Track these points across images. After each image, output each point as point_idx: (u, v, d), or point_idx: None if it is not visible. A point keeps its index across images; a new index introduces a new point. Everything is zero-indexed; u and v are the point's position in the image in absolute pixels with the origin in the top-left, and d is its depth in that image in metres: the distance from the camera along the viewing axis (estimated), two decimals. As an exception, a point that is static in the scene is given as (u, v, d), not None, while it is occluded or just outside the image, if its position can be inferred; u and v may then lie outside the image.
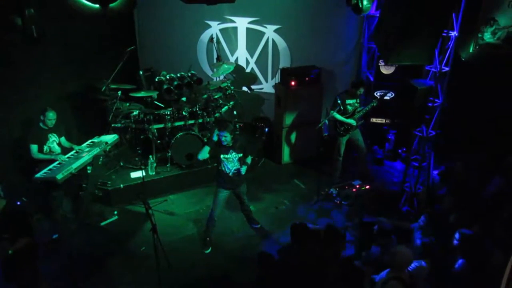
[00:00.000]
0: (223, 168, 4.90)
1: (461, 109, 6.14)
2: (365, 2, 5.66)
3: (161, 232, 4.40)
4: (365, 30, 7.10)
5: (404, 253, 3.49)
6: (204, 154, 4.87)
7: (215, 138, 4.80)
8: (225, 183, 4.98)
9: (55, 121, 5.30)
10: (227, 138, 4.75)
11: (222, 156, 4.83)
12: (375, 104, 6.21)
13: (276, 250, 4.88)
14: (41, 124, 5.29)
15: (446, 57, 5.31)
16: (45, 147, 5.32)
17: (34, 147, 5.17)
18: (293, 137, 7.23)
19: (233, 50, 7.89)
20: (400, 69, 6.85)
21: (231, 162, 4.87)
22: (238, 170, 4.93)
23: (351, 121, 6.19)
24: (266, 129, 7.59)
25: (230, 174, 4.92)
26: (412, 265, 3.72)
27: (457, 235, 3.94)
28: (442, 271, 3.96)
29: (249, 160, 5.02)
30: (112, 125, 6.24)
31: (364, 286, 3.73)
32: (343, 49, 7.38)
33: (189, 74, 6.98)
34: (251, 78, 8.03)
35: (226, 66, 7.09)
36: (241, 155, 4.90)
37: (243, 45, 7.81)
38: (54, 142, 5.41)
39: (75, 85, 6.74)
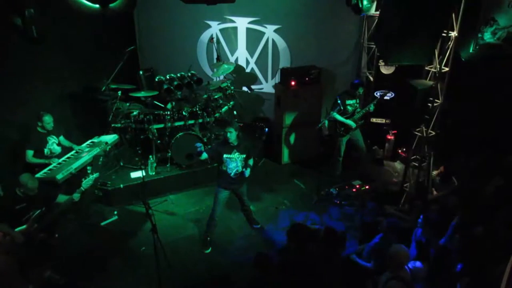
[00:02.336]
0: (225, 168, 4.89)
1: (461, 109, 6.14)
2: (365, 2, 5.65)
3: (161, 232, 4.40)
4: (365, 30, 7.10)
5: (400, 251, 3.52)
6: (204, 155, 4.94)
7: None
8: (226, 183, 4.98)
9: (53, 122, 5.31)
10: (232, 134, 4.74)
11: (225, 155, 4.82)
12: (371, 109, 6.22)
13: (275, 251, 4.88)
14: (39, 129, 5.29)
15: (446, 57, 5.31)
16: (46, 150, 5.33)
17: (29, 153, 5.19)
18: (293, 137, 7.23)
19: (233, 50, 7.89)
20: (400, 69, 6.84)
21: (233, 162, 4.86)
22: (241, 172, 4.92)
23: (351, 123, 6.19)
24: (266, 129, 7.59)
25: (232, 174, 4.91)
26: (410, 265, 3.73)
27: (456, 236, 3.95)
28: (440, 271, 3.96)
29: (251, 162, 5.03)
30: (112, 125, 6.24)
31: (366, 286, 3.73)
32: (343, 49, 7.38)
33: (189, 74, 6.97)
34: (251, 78, 8.03)
35: (226, 66, 7.08)
36: (244, 156, 4.89)
37: (243, 45, 7.81)
38: (54, 143, 5.43)
39: (75, 85, 6.75)
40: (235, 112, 7.27)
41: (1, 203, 4.59)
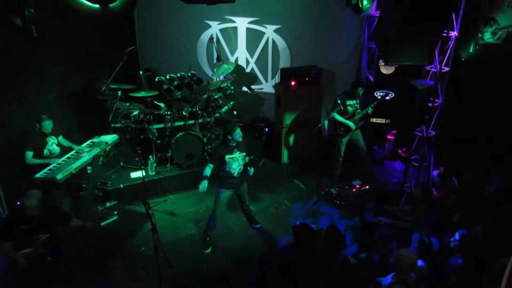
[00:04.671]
0: (228, 169, 4.86)
1: (461, 109, 6.14)
2: (365, 2, 5.66)
3: (161, 232, 4.39)
4: (365, 30, 7.10)
5: (409, 257, 3.43)
6: (207, 171, 4.82)
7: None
8: (228, 183, 4.96)
9: (51, 128, 5.31)
10: (239, 133, 4.76)
11: (227, 157, 4.80)
12: (369, 111, 6.22)
13: (276, 251, 4.88)
14: (37, 130, 5.29)
15: (446, 57, 5.32)
16: (45, 151, 5.33)
17: (29, 154, 5.18)
18: (293, 137, 7.23)
19: (233, 50, 7.90)
20: (400, 69, 6.85)
21: (236, 161, 4.86)
22: (244, 171, 4.91)
23: (350, 124, 6.19)
24: (266, 129, 7.59)
25: (235, 174, 4.90)
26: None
27: (456, 236, 3.95)
28: (440, 270, 3.96)
29: (246, 160, 5.04)
30: (112, 125, 6.24)
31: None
32: (343, 49, 7.38)
33: (189, 74, 6.98)
34: (251, 78, 8.03)
35: (226, 66, 7.08)
36: (244, 154, 4.90)
37: (243, 45, 7.81)
38: (53, 144, 5.43)
39: (75, 85, 6.75)
40: (235, 112, 7.26)
41: (7, 221, 4.31)
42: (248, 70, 8.03)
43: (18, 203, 5.19)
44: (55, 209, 4.36)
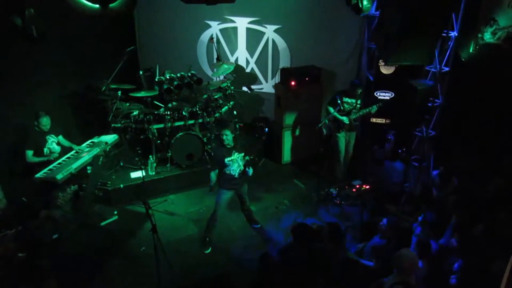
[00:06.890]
0: (228, 172, 4.87)
1: (461, 109, 6.14)
2: (365, 2, 5.65)
3: (161, 232, 4.39)
4: (365, 30, 7.09)
5: (410, 257, 3.40)
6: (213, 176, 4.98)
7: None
8: (229, 184, 4.97)
9: (50, 125, 5.31)
10: (228, 137, 4.77)
11: (226, 160, 4.81)
12: (373, 111, 6.17)
13: (277, 250, 4.88)
14: (36, 129, 5.29)
15: (446, 57, 5.32)
16: (45, 149, 5.34)
17: (29, 153, 5.20)
18: (293, 137, 7.23)
19: (233, 50, 7.89)
20: (400, 69, 6.84)
21: (235, 163, 4.86)
22: (244, 171, 4.92)
23: (344, 119, 6.17)
24: (266, 129, 7.59)
25: (236, 175, 4.91)
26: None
27: (454, 236, 3.94)
28: (440, 271, 3.96)
29: (247, 158, 5.03)
30: (112, 125, 6.24)
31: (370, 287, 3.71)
32: (343, 49, 7.37)
33: (189, 74, 6.97)
34: (251, 78, 8.03)
35: (226, 66, 7.08)
36: (243, 154, 4.90)
37: (243, 45, 7.81)
38: (53, 142, 5.44)
39: (75, 85, 6.75)
40: (235, 112, 7.27)
41: None
42: (248, 70, 8.03)
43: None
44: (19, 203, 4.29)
